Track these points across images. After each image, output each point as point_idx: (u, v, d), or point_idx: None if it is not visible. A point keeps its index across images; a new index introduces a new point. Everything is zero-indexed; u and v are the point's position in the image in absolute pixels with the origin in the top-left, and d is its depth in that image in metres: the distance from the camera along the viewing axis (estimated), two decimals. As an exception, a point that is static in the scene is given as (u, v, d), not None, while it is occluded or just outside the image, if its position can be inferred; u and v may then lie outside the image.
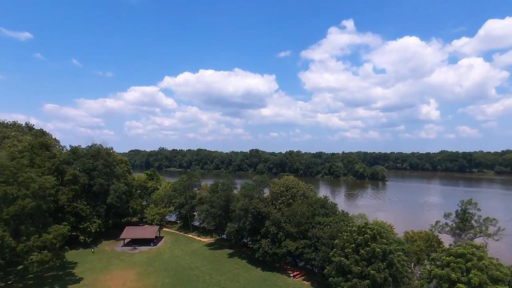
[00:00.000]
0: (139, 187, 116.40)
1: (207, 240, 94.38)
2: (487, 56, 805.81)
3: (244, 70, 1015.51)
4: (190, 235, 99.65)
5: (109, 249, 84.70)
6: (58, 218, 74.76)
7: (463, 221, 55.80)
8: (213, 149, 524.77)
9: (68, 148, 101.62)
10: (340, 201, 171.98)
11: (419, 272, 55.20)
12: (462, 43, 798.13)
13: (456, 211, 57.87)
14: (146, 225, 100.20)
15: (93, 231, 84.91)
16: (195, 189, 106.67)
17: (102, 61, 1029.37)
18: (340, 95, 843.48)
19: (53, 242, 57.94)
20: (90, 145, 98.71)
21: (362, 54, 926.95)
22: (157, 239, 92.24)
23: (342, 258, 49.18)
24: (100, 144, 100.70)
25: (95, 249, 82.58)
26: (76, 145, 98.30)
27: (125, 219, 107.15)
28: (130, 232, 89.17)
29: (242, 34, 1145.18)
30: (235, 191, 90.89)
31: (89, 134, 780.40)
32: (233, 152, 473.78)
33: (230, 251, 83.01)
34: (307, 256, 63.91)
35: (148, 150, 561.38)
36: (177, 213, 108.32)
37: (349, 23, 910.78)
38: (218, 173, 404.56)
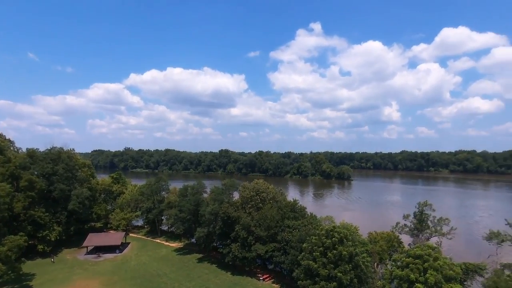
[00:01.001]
0: (104, 191, 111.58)
1: (175, 245, 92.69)
2: (443, 62, 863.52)
3: (214, 69, 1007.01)
4: (158, 240, 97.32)
5: (70, 258, 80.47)
6: (13, 227, 70.08)
7: (420, 222, 59.77)
8: (181, 149, 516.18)
9: (24, 150, 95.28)
10: (308, 202, 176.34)
11: (381, 271, 58.22)
12: (420, 49, 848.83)
13: (414, 213, 61.80)
14: (111, 231, 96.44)
15: (53, 239, 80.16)
16: (163, 193, 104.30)
17: (61, 56, 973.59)
18: (308, 96, 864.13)
19: (8, 255, 54.15)
20: (49, 148, 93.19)
21: (329, 57, 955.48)
22: (123, 245, 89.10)
23: (310, 262, 50.59)
24: (61, 147, 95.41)
25: (55, 259, 78.00)
26: (34, 145, 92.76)
27: (88, 225, 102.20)
28: (93, 239, 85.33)
29: (212, 33, 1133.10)
30: (204, 195, 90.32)
31: (47, 132, 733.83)
32: (202, 152, 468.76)
33: (200, 255, 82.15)
34: (276, 259, 65.02)
35: (112, 150, 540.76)
36: (144, 217, 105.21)
37: (317, 26, 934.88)
38: (187, 174, 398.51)
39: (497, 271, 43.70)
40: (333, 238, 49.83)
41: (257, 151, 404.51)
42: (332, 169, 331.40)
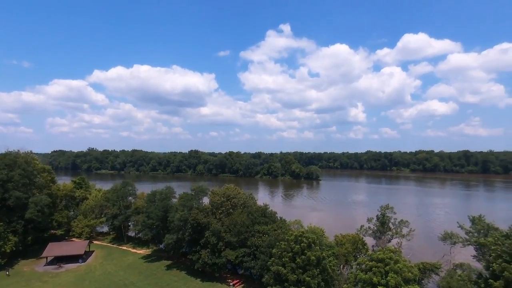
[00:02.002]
0: (65, 197, 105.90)
1: (143, 251, 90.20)
2: (404, 66, 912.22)
3: (183, 67, 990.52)
4: (125, 247, 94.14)
5: (28, 270, 75.59)
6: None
7: (383, 224, 63.01)
8: (149, 149, 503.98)
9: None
10: (279, 203, 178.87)
11: (347, 273, 60.56)
12: (384, 53, 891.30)
13: (377, 216, 65.00)
14: (74, 239, 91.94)
15: (8, 251, 74.95)
16: (130, 198, 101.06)
17: (17, 49, 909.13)
18: (278, 96, 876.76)
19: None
20: (3, 152, 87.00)
21: (298, 58, 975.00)
22: (87, 254, 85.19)
23: (280, 267, 51.52)
24: (17, 150, 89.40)
25: (10, 272, 72.90)
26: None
27: (48, 234, 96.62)
28: (54, 249, 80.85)
29: (181, 30, 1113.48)
30: (174, 200, 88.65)
31: (1, 131, 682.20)
32: (171, 153, 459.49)
33: (168, 262, 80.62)
34: (246, 264, 65.42)
35: (75, 150, 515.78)
36: (110, 224, 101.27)
37: (286, 27, 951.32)
38: (155, 175, 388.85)
39: (450, 272, 47.20)
40: (302, 244, 51.14)
41: (228, 151, 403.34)
42: (301, 169, 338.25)
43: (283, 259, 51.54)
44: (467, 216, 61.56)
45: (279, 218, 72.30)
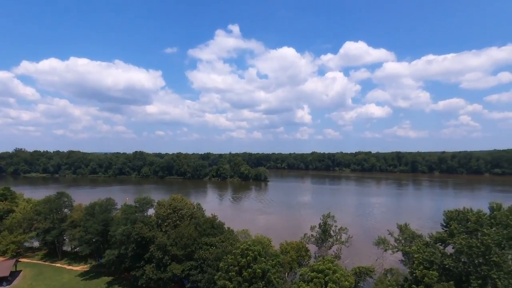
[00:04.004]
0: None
1: (80, 268, 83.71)
2: (346, 71, 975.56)
3: (126, 63, 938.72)
4: (59, 264, 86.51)
5: None
6: None
7: (324, 232, 66.89)
8: (88, 149, 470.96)
9: None
10: (227, 206, 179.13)
11: (291, 279, 63.04)
12: (328, 58, 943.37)
13: (319, 224, 68.81)
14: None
15: None
16: (66, 210, 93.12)
17: None
18: (227, 96, 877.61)
19: None
20: None
21: (247, 59, 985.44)
22: (13, 275, 76.48)
23: (226, 282, 51.81)
24: None
25: None
26: None
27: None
28: (-29, 273, 71.39)
29: (124, 22, 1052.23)
30: (116, 211, 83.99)
31: None
32: (113, 154, 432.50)
33: (109, 279, 75.92)
34: (193, 278, 64.44)
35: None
36: (41, 239, 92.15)
37: (235, 28, 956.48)
38: (95, 178, 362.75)
39: (381, 277, 51.96)
40: (248, 257, 52.03)
41: (175, 153, 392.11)
42: (250, 171, 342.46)
43: (230, 273, 51.93)
44: (398, 219, 68.44)
45: (227, 229, 72.50)
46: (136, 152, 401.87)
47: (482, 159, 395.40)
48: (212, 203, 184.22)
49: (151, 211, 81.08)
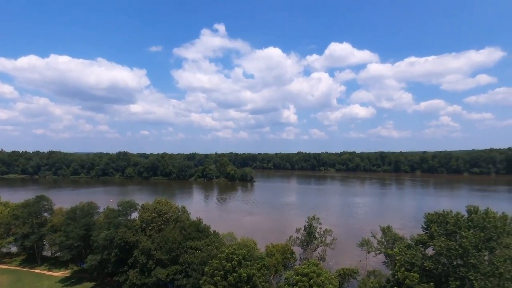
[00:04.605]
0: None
1: (61, 273, 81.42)
2: (331, 72, 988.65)
3: (110, 61, 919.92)
4: (38, 270, 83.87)
5: None
6: None
7: (309, 234, 67.57)
8: (70, 149, 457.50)
9: None
10: (213, 208, 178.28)
11: (276, 282, 63.36)
12: (313, 59, 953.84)
13: (304, 226, 69.48)
14: (-29, 266, 78.94)
15: None
16: (46, 214, 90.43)
17: None
18: (213, 95, 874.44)
19: None
20: None
21: (233, 59, 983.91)
22: (-11, 283, 73.97)
23: (212, 286, 51.57)
24: None
25: None
26: None
27: None
28: None
29: (107, 19, 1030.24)
30: (98, 215, 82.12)
31: None
32: (96, 154, 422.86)
33: (91, 284, 74.18)
34: (178, 282, 63.79)
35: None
36: (20, 244, 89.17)
37: (221, 27, 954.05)
38: (77, 179, 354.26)
39: (364, 279, 52.92)
40: (233, 261, 51.96)
41: (160, 153, 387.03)
42: (236, 171, 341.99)
43: (215, 278, 51.73)
44: (382, 219, 69.91)
45: (212, 232, 72.12)
46: (120, 152, 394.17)
47: (461, 159, 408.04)
48: (198, 205, 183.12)
49: (135, 215, 79.80)
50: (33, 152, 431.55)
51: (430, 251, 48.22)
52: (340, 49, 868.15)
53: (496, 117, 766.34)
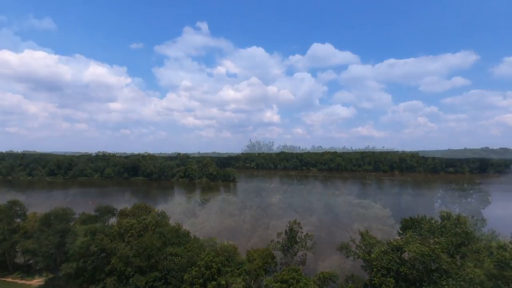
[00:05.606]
0: None
1: (35, 282, 78.39)
2: (314, 72, 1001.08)
3: (88, 57, 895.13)
4: (10, 279, 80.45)
5: None
6: None
7: (290, 239, 68.16)
8: (46, 149, 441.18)
9: None
10: (195, 210, 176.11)
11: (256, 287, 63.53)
12: (296, 59, 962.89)
13: (285, 231, 69.99)
14: None
15: None
16: (18, 219, 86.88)
17: None
18: (195, 94, 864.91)
19: None
20: None
21: (216, 57, 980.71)
22: (-45, 293, 70.33)
23: (191, 294, 51.23)
24: None
25: None
26: None
27: None
28: None
29: (85, 14, 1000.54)
30: (73, 221, 79.69)
31: None
32: (74, 154, 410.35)
33: (67, 293, 72.02)
34: (157, 289, 62.94)
35: None
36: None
37: (204, 25, 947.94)
38: (54, 180, 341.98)
39: (342, 284, 53.86)
40: (212, 269, 51.77)
41: (141, 153, 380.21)
42: (219, 171, 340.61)
43: (194, 286, 51.40)
44: (362, 220, 71.32)
45: (192, 237, 71.49)
46: (99, 152, 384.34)
47: (437, 159, 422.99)
48: (178, 207, 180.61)
49: (113, 220, 77.99)
50: (6, 152, 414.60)
51: (406, 255, 49.65)
52: (322, 50, 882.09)
53: (470, 118, 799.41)
